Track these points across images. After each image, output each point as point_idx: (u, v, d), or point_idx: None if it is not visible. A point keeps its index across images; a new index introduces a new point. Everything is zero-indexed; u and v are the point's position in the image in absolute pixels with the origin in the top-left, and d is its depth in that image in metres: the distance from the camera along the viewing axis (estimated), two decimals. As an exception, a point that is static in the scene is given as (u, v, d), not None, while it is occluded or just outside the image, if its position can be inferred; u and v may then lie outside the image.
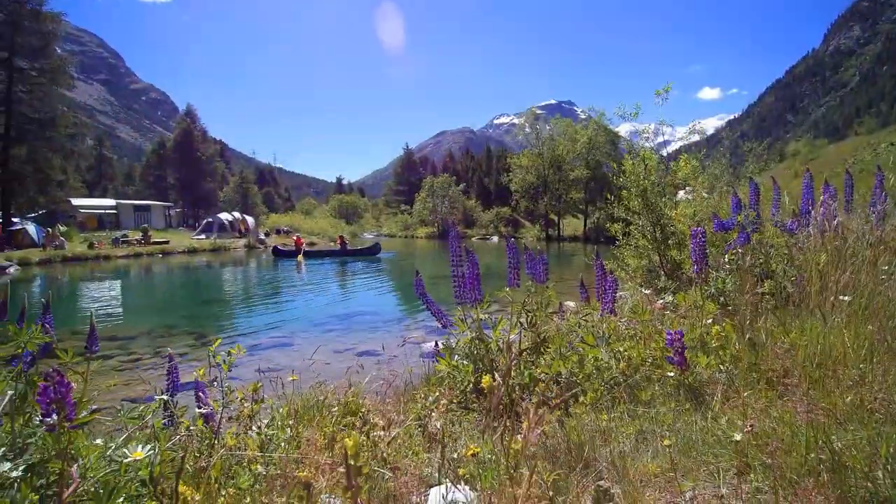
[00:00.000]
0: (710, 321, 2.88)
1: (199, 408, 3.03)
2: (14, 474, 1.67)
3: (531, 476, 0.99)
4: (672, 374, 2.13)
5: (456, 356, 3.70)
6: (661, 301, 3.88)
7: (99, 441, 1.83)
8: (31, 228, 28.26)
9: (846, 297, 1.96)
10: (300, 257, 26.34)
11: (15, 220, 30.34)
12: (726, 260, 4.15)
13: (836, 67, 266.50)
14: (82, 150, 37.36)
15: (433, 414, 2.98)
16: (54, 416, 1.29)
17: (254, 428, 2.69)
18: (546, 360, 3.43)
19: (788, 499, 1.24)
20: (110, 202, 43.41)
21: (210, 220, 39.59)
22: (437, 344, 4.58)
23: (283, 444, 2.56)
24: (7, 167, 30.08)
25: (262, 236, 39.76)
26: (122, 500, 1.42)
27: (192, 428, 2.57)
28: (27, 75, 31.38)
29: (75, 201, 37.55)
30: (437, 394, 3.06)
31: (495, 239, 53.07)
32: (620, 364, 2.45)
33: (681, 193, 8.18)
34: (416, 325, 10.25)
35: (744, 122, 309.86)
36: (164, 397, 2.88)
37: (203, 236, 36.57)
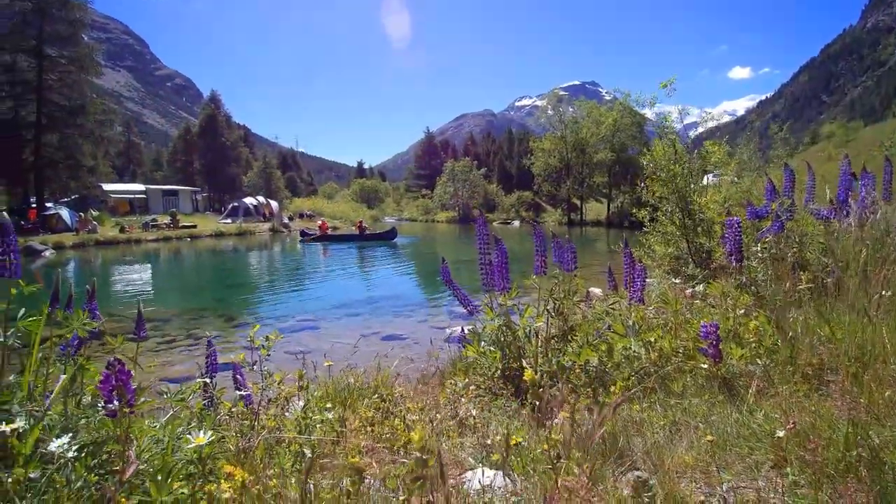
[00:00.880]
0: (742, 311, 2.86)
1: (238, 390, 3.16)
2: (69, 454, 1.79)
3: (592, 470, 1.02)
4: (706, 365, 2.13)
5: (483, 342, 3.74)
6: (690, 290, 3.84)
7: (151, 423, 1.94)
8: (64, 213, 29.17)
9: (888, 292, 1.93)
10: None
11: (48, 204, 31.36)
12: (758, 248, 4.08)
13: (874, 45, 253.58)
14: (111, 137, 38.23)
15: (462, 399, 3.05)
16: (116, 403, 1.38)
17: (292, 410, 2.80)
18: (573, 348, 3.45)
19: (827, 493, 1.26)
20: (140, 187, 44.52)
21: (235, 204, 40.31)
22: (462, 329, 4.64)
23: (318, 427, 2.66)
24: (40, 153, 31.02)
25: (285, 220, 40.34)
26: (178, 481, 1.51)
27: (233, 410, 2.69)
28: (56, 63, 32.09)
29: (106, 186, 38.59)
30: (467, 380, 3.13)
31: (517, 223, 52.79)
32: (652, 354, 2.46)
33: (708, 177, 8.02)
34: (439, 309, 10.34)
35: (775, 103, 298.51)
36: (206, 380, 3.01)
37: (229, 220, 37.30)
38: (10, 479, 1.42)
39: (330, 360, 3.95)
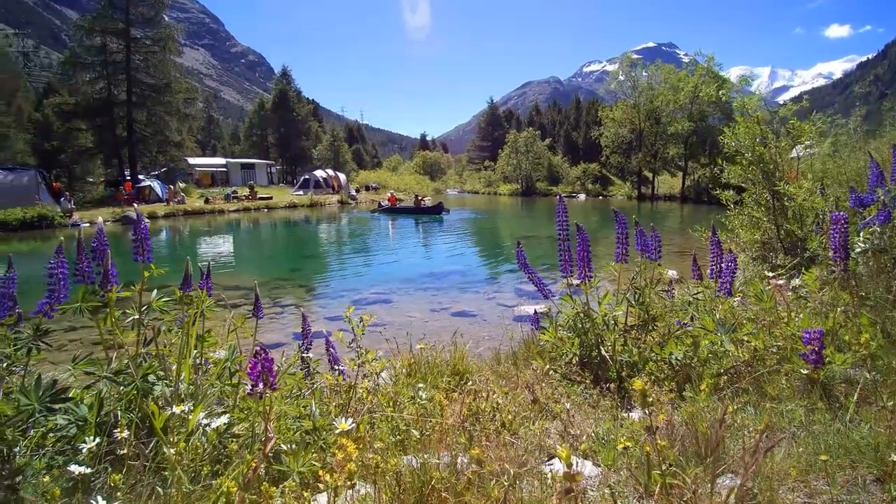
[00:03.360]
0: (841, 309, 2.73)
1: (334, 364, 3.45)
2: (204, 422, 2.07)
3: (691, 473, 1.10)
4: (806, 371, 2.09)
5: (559, 328, 3.80)
6: (782, 280, 3.68)
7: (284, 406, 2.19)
8: (155, 185, 31.71)
9: None
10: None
11: (141, 177, 34.17)
12: (860, 239, 3.81)
13: None
14: (194, 113, 40.77)
15: (543, 384, 3.16)
16: (261, 385, 1.60)
17: (382, 384, 3.03)
18: (654, 338, 3.44)
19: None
20: (221, 161, 47.50)
21: (307, 176, 42.01)
22: (535, 312, 4.72)
23: (408, 404, 2.87)
24: (132, 130, 33.72)
25: (353, 192, 41.64)
26: (312, 453, 1.73)
27: (333, 385, 2.96)
28: (141, 44, 34.36)
29: (192, 160, 41.46)
30: (547, 367, 3.22)
31: (582, 197, 51.27)
32: (744, 353, 2.42)
33: (798, 149, 7.44)
34: (505, 286, 10.41)
35: (878, 65, 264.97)
36: (307, 354, 3.32)
37: (301, 192, 39.00)
38: (173, 451, 1.69)
39: (406, 334, 4.18)
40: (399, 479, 1.64)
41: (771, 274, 3.76)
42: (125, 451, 1.94)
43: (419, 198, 32.02)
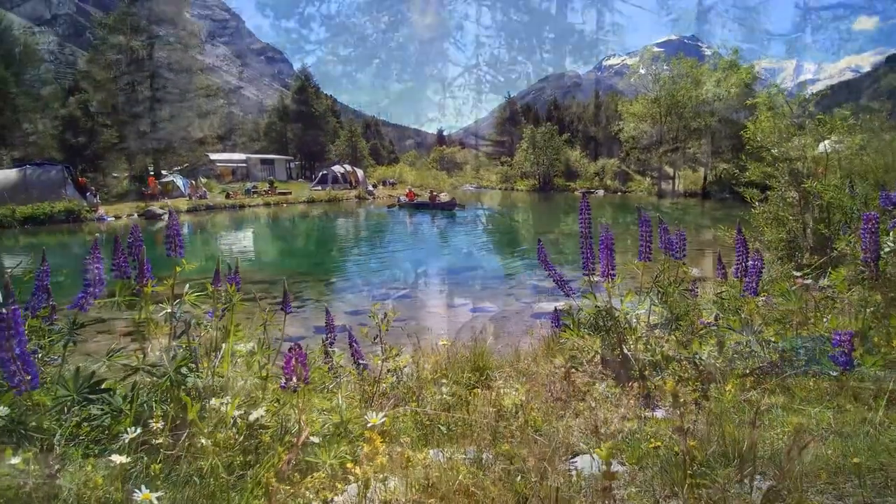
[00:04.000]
0: (871, 310, 2.68)
1: (357, 358, 3.51)
2: (235, 413, 2.13)
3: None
4: (835, 373, 2.07)
5: (581, 326, 3.79)
6: (809, 280, 3.63)
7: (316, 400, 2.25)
8: (178, 181, 32.28)
9: None
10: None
11: (164, 172, 34.80)
12: (890, 239, 3.73)
13: None
14: (215, 110, 41.35)
15: (565, 382, 3.17)
16: (294, 380, 1.65)
17: (404, 379, 3.08)
18: (677, 337, 3.42)
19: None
20: (241, 156, 48.24)
21: (325, 172, 42.33)
22: (556, 310, 4.70)
23: (430, 398, 2.92)
24: (155, 126, 34.38)
25: (370, 188, 41.85)
26: (343, 445, 1.79)
27: (357, 379, 3.02)
28: (164, 42, 34.93)
29: (213, 156, 42.11)
30: (568, 364, 3.23)
31: (601, 192, 50.70)
32: (772, 355, 2.41)
33: (824, 144, 7.28)
34: (523, 283, 10.37)
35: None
36: (332, 349, 3.39)
37: (319, 187, 39.33)
38: (210, 442, 1.75)
39: (428, 329, 4.22)
40: (428, 473, 1.68)
41: (797, 273, 3.70)
42: (161, 441, 2.00)
43: (434, 193, 32.07)
